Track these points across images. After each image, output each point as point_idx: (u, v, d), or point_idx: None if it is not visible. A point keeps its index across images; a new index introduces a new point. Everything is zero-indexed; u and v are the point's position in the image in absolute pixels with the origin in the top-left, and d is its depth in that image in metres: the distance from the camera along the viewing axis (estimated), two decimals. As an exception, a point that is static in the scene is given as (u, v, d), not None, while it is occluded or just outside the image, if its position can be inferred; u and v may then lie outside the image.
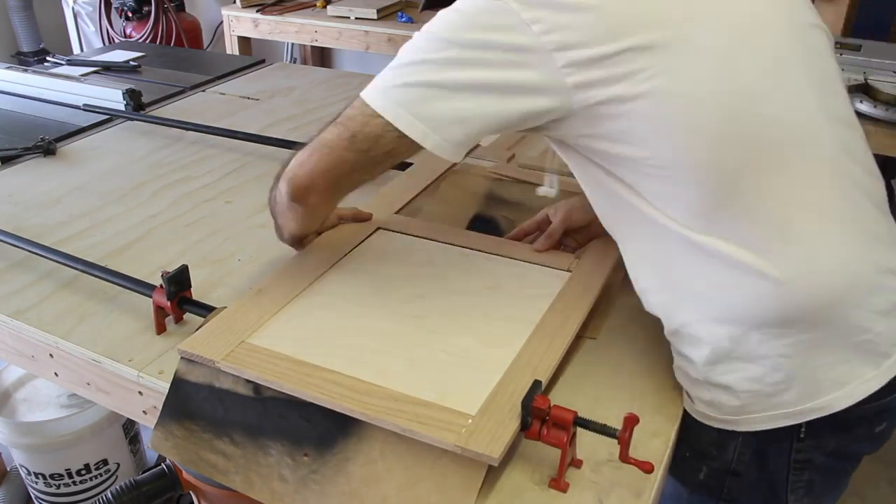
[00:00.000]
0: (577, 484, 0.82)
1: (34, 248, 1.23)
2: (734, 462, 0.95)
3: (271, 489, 0.85)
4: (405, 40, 0.86)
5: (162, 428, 0.93)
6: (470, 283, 1.07)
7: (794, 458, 0.93)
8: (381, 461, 0.82)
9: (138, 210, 1.43)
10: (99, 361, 1.04)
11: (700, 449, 0.96)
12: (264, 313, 0.98)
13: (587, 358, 1.02)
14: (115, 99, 1.92)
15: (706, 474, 0.98)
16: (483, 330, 0.97)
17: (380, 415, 0.81)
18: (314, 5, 3.24)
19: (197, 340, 0.93)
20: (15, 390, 1.84)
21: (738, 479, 0.96)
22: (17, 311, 1.13)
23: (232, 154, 1.69)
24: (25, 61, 3.29)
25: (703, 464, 0.98)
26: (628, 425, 0.77)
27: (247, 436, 0.89)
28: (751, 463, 0.94)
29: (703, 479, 0.99)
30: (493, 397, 0.83)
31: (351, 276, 1.09)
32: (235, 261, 1.26)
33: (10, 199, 1.49)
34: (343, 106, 0.91)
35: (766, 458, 0.95)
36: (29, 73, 2.12)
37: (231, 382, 0.92)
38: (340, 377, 0.87)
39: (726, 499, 0.99)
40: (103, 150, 1.72)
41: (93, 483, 1.86)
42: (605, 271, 1.09)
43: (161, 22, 3.35)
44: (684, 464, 0.99)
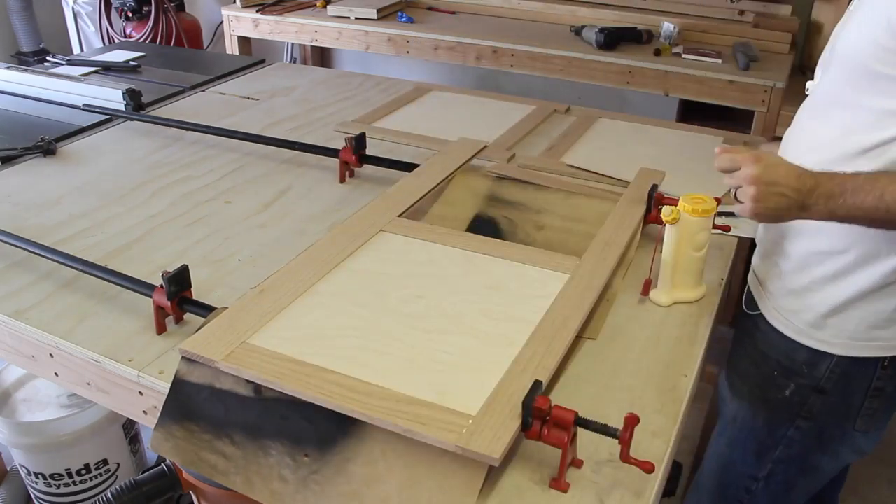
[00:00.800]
0: (578, 484, 0.82)
1: (34, 248, 1.23)
2: (823, 380, 1.07)
3: (271, 489, 0.85)
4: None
5: (162, 428, 0.93)
6: (470, 284, 1.07)
7: (873, 385, 1.07)
8: (381, 461, 0.82)
9: (138, 210, 1.43)
10: (99, 361, 1.04)
11: (791, 367, 1.09)
12: (265, 313, 0.98)
13: (587, 358, 1.02)
14: (115, 99, 1.91)
15: (792, 391, 1.10)
16: (483, 330, 0.97)
17: (380, 415, 0.81)
18: (314, 5, 3.24)
19: (198, 340, 0.93)
20: (15, 390, 1.84)
21: (821, 397, 1.08)
22: (17, 311, 1.13)
23: (232, 154, 1.69)
24: (25, 61, 3.28)
25: (792, 381, 1.10)
26: (629, 425, 0.77)
27: (247, 436, 0.89)
28: (837, 383, 1.07)
29: (787, 395, 1.11)
30: (493, 397, 0.83)
31: (352, 276, 1.09)
32: (235, 261, 1.26)
33: (10, 199, 1.48)
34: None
35: (850, 381, 1.07)
36: (29, 73, 2.12)
37: (231, 383, 0.92)
38: (341, 377, 0.87)
39: (805, 416, 1.11)
40: (103, 150, 1.72)
41: (93, 483, 1.86)
42: (606, 272, 1.09)
43: (161, 22, 3.34)
44: (768, 383, 1.12)
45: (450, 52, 2.85)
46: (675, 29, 2.63)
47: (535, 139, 1.76)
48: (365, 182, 1.56)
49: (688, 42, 2.68)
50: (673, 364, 1.02)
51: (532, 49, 2.68)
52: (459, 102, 2.02)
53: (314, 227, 1.37)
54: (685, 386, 0.98)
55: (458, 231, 1.22)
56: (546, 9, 3.04)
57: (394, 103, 2.00)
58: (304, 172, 1.60)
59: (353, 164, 1.54)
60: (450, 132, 1.73)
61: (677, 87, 2.50)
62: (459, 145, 1.56)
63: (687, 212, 1.07)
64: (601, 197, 1.37)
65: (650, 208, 1.25)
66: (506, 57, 2.75)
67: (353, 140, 1.53)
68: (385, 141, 1.74)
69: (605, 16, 2.92)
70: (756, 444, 1.17)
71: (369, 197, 1.45)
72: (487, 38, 2.77)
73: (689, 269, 1.12)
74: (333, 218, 1.40)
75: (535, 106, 1.96)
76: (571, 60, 2.63)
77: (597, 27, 2.63)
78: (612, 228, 1.21)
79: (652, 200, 1.25)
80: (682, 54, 2.53)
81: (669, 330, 1.09)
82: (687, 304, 1.14)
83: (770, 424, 1.15)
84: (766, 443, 1.16)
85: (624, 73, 2.55)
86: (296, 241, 1.32)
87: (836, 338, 1.05)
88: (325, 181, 1.56)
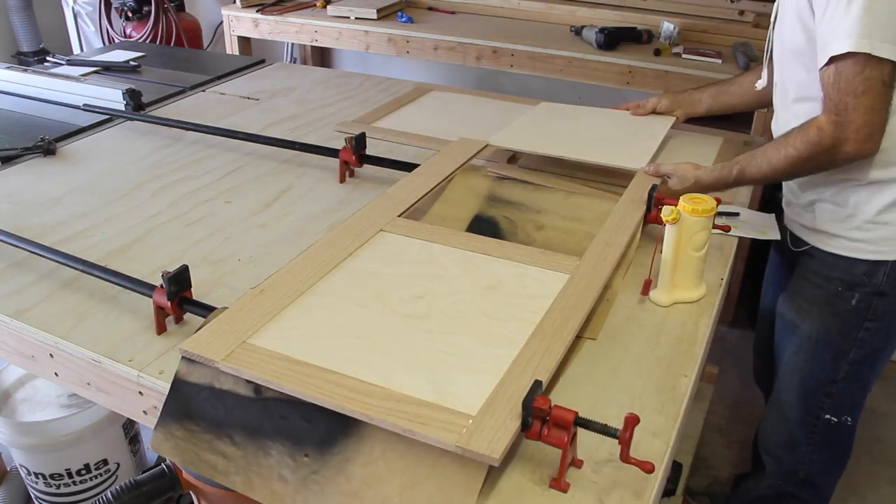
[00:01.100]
0: (578, 484, 0.82)
1: (34, 248, 1.23)
2: (882, 284, 1.30)
3: (272, 490, 0.85)
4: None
5: (162, 428, 0.93)
6: (470, 284, 1.07)
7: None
8: (381, 461, 0.82)
9: (138, 210, 1.43)
10: (99, 361, 1.04)
11: (852, 280, 1.31)
12: (265, 314, 0.98)
13: (587, 358, 1.02)
14: (115, 99, 1.91)
15: (858, 299, 1.32)
16: (483, 330, 0.97)
17: (380, 415, 0.81)
18: (314, 5, 3.24)
19: (198, 340, 0.93)
20: (15, 390, 1.84)
21: (883, 299, 1.31)
22: (17, 311, 1.13)
23: (232, 154, 1.69)
24: (25, 61, 3.28)
25: (856, 291, 1.32)
26: (629, 425, 0.77)
27: (247, 436, 0.89)
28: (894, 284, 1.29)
29: (854, 304, 1.32)
30: (493, 397, 0.83)
31: (352, 276, 1.09)
32: (235, 261, 1.26)
33: (10, 199, 1.48)
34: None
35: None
36: (29, 73, 2.12)
37: (231, 383, 0.92)
38: (341, 377, 0.87)
39: (871, 318, 1.33)
40: (103, 150, 1.72)
41: (93, 483, 1.86)
42: (606, 272, 1.09)
43: (161, 22, 3.34)
44: (836, 297, 1.34)
45: (450, 52, 2.85)
46: (675, 29, 2.63)
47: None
48: (365, 182, 1.56)
49: (688, 42, 2.68)
50: (673, 364, 1.02)
51: (532, 49, 2.68)
52: (459, 102, 2.02)
53: (314, 227, 1.37)
54: (685, 386, 0.98)
55: (458, 231, 1.22)
56: (546, 9, 3.04)
57: (394, 103, 2.00)
58: (304, 172, 1.60)
59: (353, 164, 1.54)
60: (450, 132, 1.73)
61: (677, 87, 2.48)
62: (459, 145, 1.56)
63: (687, 212, 1.07)
64: (601, 197, 1.37)
65: (650, 208, 1.25)
66: (506, 57, 2.75)
67: (353, 140, 1.53)
68: (385, 141, 1.74)
69: (605, 16, 2.92)
70: (833, 352, 1.38)
71: (369, 197, 1.45)
72: (487, 38, 2.77)
73: (689, 269, 1.12)
74: (333, 218, 1.40)
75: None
76: (571, 60, 2.63)
77: (597, 27, 2.63)
78: (612, 228, 1.21)
79: (652, 200, 1.25)
80: (682, 54, 2.53)
81: (669, 330, 1.09)
82: (687, 304, 1.14)
83: (843, 332, 1.35)
84: (842, 348, 1.36)
85: (624, 73, 2.55)
86: (296, 241, 1.32)
87: (887, 245, 1.27)
88: (325, 181, 1.56)
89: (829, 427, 1.45)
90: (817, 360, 1.40)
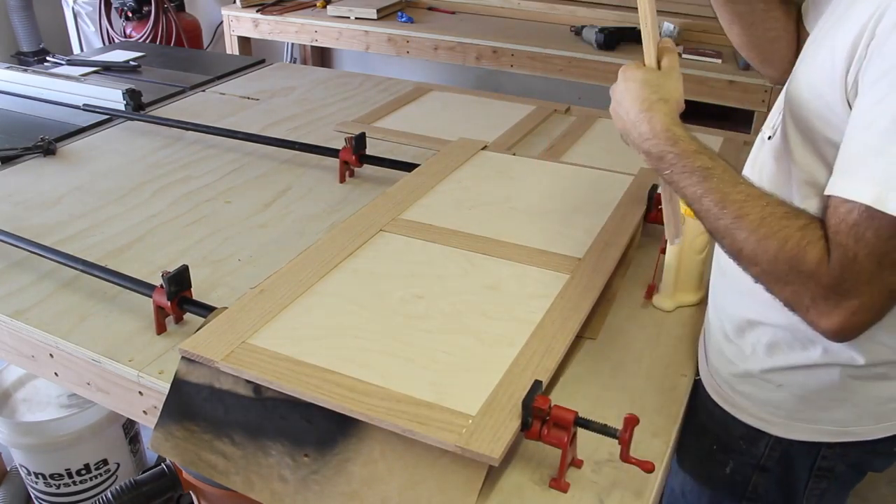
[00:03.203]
0: (578, 484, 0.82)
1: (34, 248, 1.23)
2: (763, 458, 0.94)
3: (271, 490, 0.85)
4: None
5: (162, 429, 0.93)
6: (470, 284, 1.07)
7: (819, 465, 0.93)
8: (381, 461, 0.82)
9: (138, 210, 1.43)
10: (99, 361, 1.04)
11: (728, 443, 0.96)
12: (265, 314, 0.98)
13: (587, 358, 1.02)
14: (115, 99, 1.91)
15: (732, 469, 0.98)
16: (483, 330, 0.97)
17: (380, 415, 0.81)
18: (314, 5, 3.24)
19: (198, 340, 0.93)
20: (15, 390, 1.84)
21: (765, 475, 0.96)
22: (17, 311, 1.13)
23: (232, 154, 1.69)
24: (25, 61, 3.28)
25: (730, 458, 0.97)
26: (629, 425, 0.77)
27: (247, 436, 0.89)
28: (779, 462, 0.94)
29: (728, 473, 0.98)
30: (493, 397, 0.83)
31: (352, 276, 1.09)
32: (235, 261, 1.26)
33: (10, 199, 1.48)
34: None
35: (793, 461, 0.94)
36: (29, 73, 2.12)
37: (231, 383, 0.92)
38: (341, 378, 0.87)
39: (750, 497, 0.99)
40: (103, 150, 1.72)
41: (93, 483, 1.86)
42: (605, 272, 1.09)
43: (161, 22, 3.34)
44: (709, 458, 0.99)
45: (450, 52, 2.85)
46: (675, 29, 2.63)
47: (535, 139, 1.76)
48: (365, 182, 1.56)
49: (688, 42, 2.68)
50: (673, 364, 1.02)
51: (532, 49, 2.68)
52: (459, 102, 2.02)
53: (314, 227, 1.37)
54: (685, 386, 0.98)
55: (458, 231, 1.22)
56: (546, 9, 3.04)
57: (394, 103, 2.00)
58: (304, 172, 1.60)
59: (353, 164, 1.54)
60: (450, 132, 1.73)
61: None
62: (459, 145, 1.56)
63: (689, 215, 1.07)
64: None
65: (650, 208, 1.25)
66: (506, 57, 2.75)
67: (353, 140, 1.53)
68: (385, 141, 1.74)
69: (605, 16, 2.92)
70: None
71: (369, 197, 1.45)
72: (487, 38, 2.77)
73: (691, 272, 1.12)
74: (333, 218, 1.40)
75: (535, 106, 1.96)
76: (571, 60, 2.63)
77: (597, 27, 2.63)
78: (612, 228, 1.21)
79: (652, 200, 1.25)
80: (682, 54, 2.53)
81: (669, 330, 1.09)
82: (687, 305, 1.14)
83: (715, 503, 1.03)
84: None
85: (624, 73, 2.55)
86: (296, 241, 1.32)
87: (773, 416, 0.91)
88: (325, 181, 1.56)
89: None
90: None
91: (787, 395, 0.89)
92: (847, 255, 0.69)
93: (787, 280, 0.73)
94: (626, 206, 1.28)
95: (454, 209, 1.29)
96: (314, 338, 0.95)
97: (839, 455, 0.92)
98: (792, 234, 0.72)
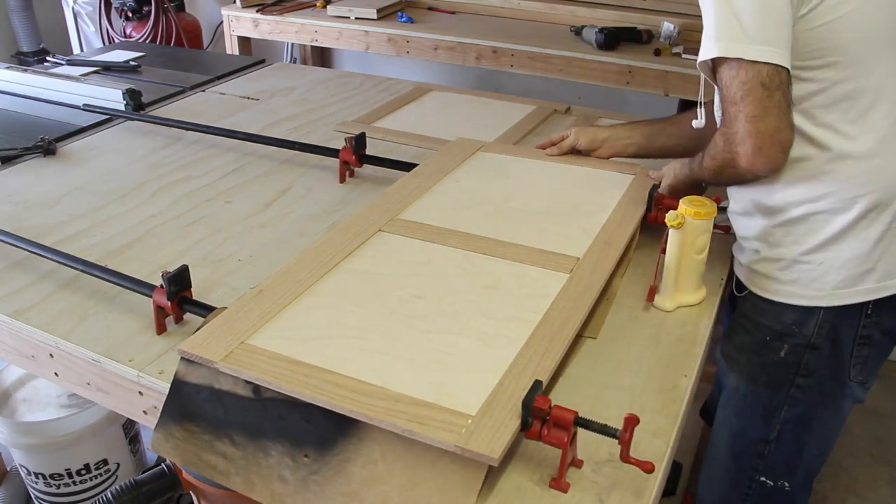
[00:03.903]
0: (578, 484, 0.82)
1: (34, 248, 1.23)
2: (814, 336, 1.11)
3: (271, 490, 0.85)
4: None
5: (162, 429, 0.93)
6: (470, 284, 1.07)
7: (860, 333, 1.12)
8: (381, 462, 0.82)
9: (138, 210, 1.43)
10: (99, 361, 1.04)
11: (781, 329, 1.13)
12: (264, 314, 0.98)
13: (587, 358, 1.02)
14: (115, 99, 1.91)
15: (787, 351, 1.14)
16: (483, 330, 0.97)
17: (380, 415, 0.81)
18: (314, 5, 3.24)
19: (197, 341, 0.93)
20: (15, 390, 1.84)
21: (815, 352, 1.13)
22: (17, 311, 1.13)
23: (232, 154, 1.69)
24: (25, 61, 3.28)
25: (785, 342, 1.14)
26: (629, 425, 0.77)
27: (247, 437, 0.89)
28: (827, 337, 1.11)
29: (783, 356, 1.14)
30: (493, 397, 0.83)
31: (351, 277, 1.09)
32: (235, 261, 1.26)
33: (10, 199, 1.48)
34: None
35: (839, 332, 1.11)
36: (29, 73, 2.12)
37: (231, 383, 0.92)
38: (340, 378, 0.86)
39: (803, 373, 1.15)
40: (103, 150, 1.72)
41: (93, 483, 1.86)
42: (605, 272, 1.09)
43: (161, 22, 3.34)
44: (764, 348, 1.16)
45: (450, 52, 2.85)
46: (675, 29, 2.63)
47: (535, 139, 1.76)
48: (365, 182, 1.56)
49: (688, 42, 2.68)
50: (673, 364, 1.02)
51: (532, 49, 2.68)
52: (459, 102, 2.02)
53: (314, 227, 1.37)
54: (685, 386, 0.98)
55: (457, 231, 1.22)
56: (546, 9, 3.04)
57: (394, 103, 2.00)
58: (304, 172, 1.60)
59: (353, 164, 1.54)
60: (450, 132, 1.72)
61: (677, 87, 2.50)
62: (459, 145, 1.56)
63: (689, 215, 1.07)
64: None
65: (650, 208, 1.25)
66: (506, 57, 2.75)
67: (353, 140, 1.53)
68: (385, 141, 1.74)
69: (605, 16, 2.92)
70: (762, 408, 1.20)
71: (369, 197, 1.45)
72: (487, 38, 2.77)
73: (691, 273, 1.12)
74: (333, 218, 1.40)
75: (535, 106, 1.96)
76: (571, 60, 2.63)
77: (597, 27, 2.63)
78: (612, 228, 1.21)
79: (652, 200, 1.25)
80: (682, 54, 2.53)
81: (669, 330, 1.09)
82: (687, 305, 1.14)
83: (772, 387, 1.18)
84: (772, 405, 1.19)
85: (624, 73, 2.55)
86: (296, 241, 1.32)
87: (818, 290, 1.09)
88: (325, 181, 1.56)
89: (766, 490, 1.26)
90: (746, 416, 1.23)
91: (827, 268, 1.07)
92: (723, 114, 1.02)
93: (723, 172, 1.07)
94: (626, 206, 1.28)
95: (453, 209, 1.29)
96: (313, 338, 0.95)
97: (875, 322, 1.11)
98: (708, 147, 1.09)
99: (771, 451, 1.23)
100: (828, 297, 1.09)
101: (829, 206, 1.05)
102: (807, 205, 1.06)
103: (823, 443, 1.24)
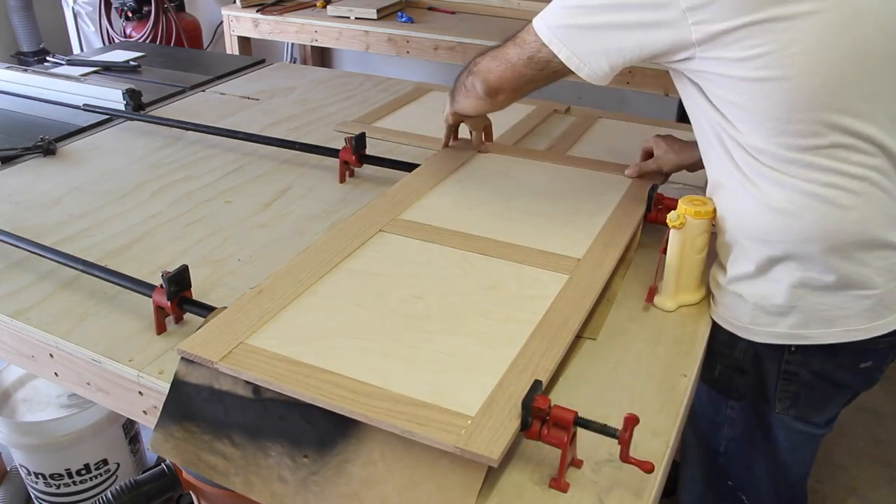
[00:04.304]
0: (578, 484, 0.82)
1: (34, 248, 1.23)
2: (741, 360, 1.12)
3: (271, 490, 0.85)
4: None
5: (162, 429, 0.93)
6: (469, 284, 1.07)
7: (784, 368, 1.10)
8: (381, 462, 0.82)
9: (138, 210, 1.43)
10: (99, 361, 1.04)
11: (715, 349, 1.13)
12: (264, 314, 0.98)
13: (587, 358, 1.02)
14: (115, 99, 1.91)
15: (720, 371, 1.15)
16: (483, 330, 0.97)
17: (379, 416, 0.81)
18: (314, 5, 3.24)
19: (196, 341, 0.93)
20: (15, 390, 1.84)
21: (744, 377, 1.13)
22: (17, 311, 1.13)
23: (232, 154, 1.69)
24: (25, 61, 3.29)
25: (718, 362, 1.14)
26: (629, 425, 0.77)
27: (247, 437, 0.89)
28: (753, 363, 1.12)
29: (717, 376, 1.15)
30: (492, 398, 0.83)
31: (351, 277, 1.09)
32: (235, 261, 1.26)
33: (10, 199, 1.49)
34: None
35: (762, 363, 1.11)
36: (29, 73, 2.12)
37: (231, 384, 0.92)
38: (340, 378, 0.86)
39: (735, 396, 1.16)
40: (103, 150, 1.72)
41: (93, 483, 1.86)
42: (605, 272, 1.09)
43: (161, 22, 3.35)
44: (705, 364, 1.13)
45: (450, 52, 2.85)
46: (675, 29, 2.62)
47: (535, 139, 1.76)
48: (365, 182, 1.56)
49: (688, 42, 2.68)
50: (673, 364, 1.02)
51: (532, 49, 2.68)
52: (459, 102, 2.02)
53: (314, 227, 1.37)
54: (685, 386, 0.98)
55: (457, 231, 1.22)
56: (546, 9, 3.04)
57: (394, 103, 2.00)
58: (304, 172, 1.60)
59: (353, 164, 1.54)
60: (450, 132, 1.72)
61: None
62: (459, 145, 1.56)
63: (690, 214, 1.07)
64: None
65: (650, 208, 1.25)
66: (506, 57, 2.75)
67: (353, 140, 1.53)
68: (385, 141, 1.74)
69: (605, 16, 2.92)
70: (709, 423, 1.23)
71: (369, 197, 1.45)
72: (487, 38, 2.76)
73: (691, 272, 1.12)
74: (333, 218, 1.40)
75: (535, 106, 1.96)
76: (571, 60, 2.62)
77: (597, 27, 2.63)
78: (612, 228, 1.21)
79: (652, 200, 1.25)
80: (683, 54, 2.52)
81: (669, 330, 1.09)
82: (687, 305, 1.14)
83: (713, 403, 1.20)
84: (716, 420, 1.21)
85: (624, 73, 2.53)
86: (296, 241, 1.32)
87: (739, 321, 1.08)
88: (325, 181, 1.56)
89: (738, 499, 1.26)
90: (700, 426, 1.24)
91: (744, 301, 1.06)
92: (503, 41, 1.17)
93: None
94: (626, 206, 1.28)
95: (453, 209, 1.29)
96: (313, 338, 0.95)
97: (801, 361, 1.08)
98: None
99: (723, 464, 1.24)
100: (745, 330, 1.08)
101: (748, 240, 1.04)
102: (735, 232, 1.06)
103: (778, 466, 1.21)
